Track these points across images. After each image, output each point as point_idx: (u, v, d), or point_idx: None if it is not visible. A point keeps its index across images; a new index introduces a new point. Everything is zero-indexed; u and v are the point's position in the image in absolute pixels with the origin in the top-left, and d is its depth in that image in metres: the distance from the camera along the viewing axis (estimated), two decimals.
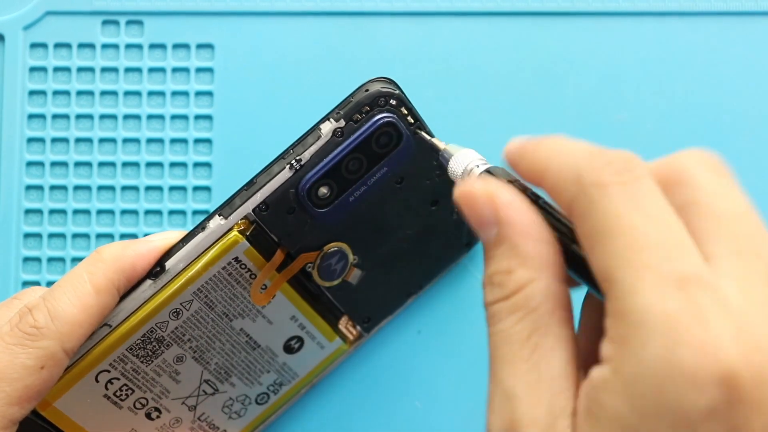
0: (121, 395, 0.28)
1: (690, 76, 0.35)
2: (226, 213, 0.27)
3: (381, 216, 0.29)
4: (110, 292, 0.26)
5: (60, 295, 0.25)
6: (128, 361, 0.27)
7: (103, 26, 0.36)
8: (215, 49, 0.35)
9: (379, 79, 0.27)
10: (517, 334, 0.19)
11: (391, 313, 0.33)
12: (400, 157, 0.27)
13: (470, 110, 0.35)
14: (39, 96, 0.35)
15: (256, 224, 0.27)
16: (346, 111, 0.26)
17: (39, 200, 0.35)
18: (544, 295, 0.19)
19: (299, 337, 0.31)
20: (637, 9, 0.35)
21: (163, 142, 0.35)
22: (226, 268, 0.27)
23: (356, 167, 0.27)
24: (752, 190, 0.34)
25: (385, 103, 0.27)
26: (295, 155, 0.27)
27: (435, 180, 0.30)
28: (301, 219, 0.28)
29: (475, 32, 0.35)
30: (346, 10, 0.35)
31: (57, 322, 0.24)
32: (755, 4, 0.35)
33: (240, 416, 0.32)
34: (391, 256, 0.31)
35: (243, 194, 0.27)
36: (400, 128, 0.27)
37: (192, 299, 0.27)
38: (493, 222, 0.20)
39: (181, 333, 0.28)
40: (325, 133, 0.26)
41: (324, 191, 0.27)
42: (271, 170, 0.27)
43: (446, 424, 0.34)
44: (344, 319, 0.32)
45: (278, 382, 0.32)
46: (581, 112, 0.35)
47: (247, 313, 0.29)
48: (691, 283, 0.16)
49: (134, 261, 0.26)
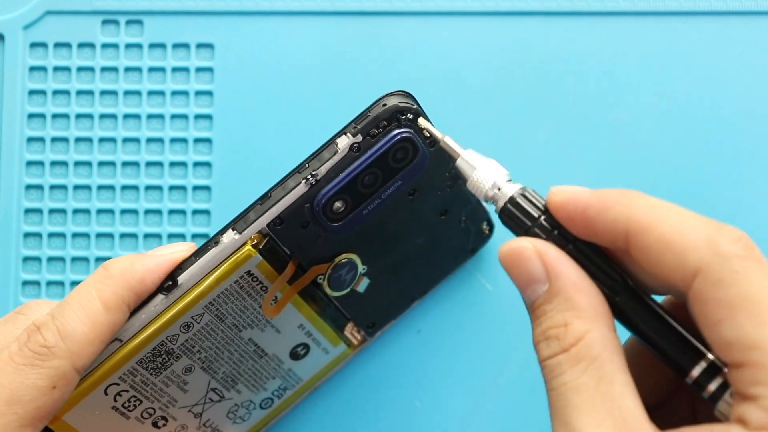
0: (129, 406, 0.28)
1: (690, 76, 0.35)
2: (240, 227, 0.27)
3: (391, 226, 0.29)
4: (120, 309, 0.25)
5: (69, 313, 0.25)
6: (138, 373, 0.27)
7: (103, 26, 0.36)
8: (215, 49, 0.35)
9: (397, 93, 0.27)
10: (585, 384, 0.19)
11: (394, 318, 0.33)
12: (414, 171, 0.27)
13: (470, 110, 0.35)
14: (39, 96, 0.35)
15: (269, 238, 0.27)
16: (364, 126, 0.26)
17: (39, 200, 0.35)
18: (602, 344, 0.20)
19: (305, 344, 0.31)
20: (637, 9, 0.35)
21: (163, 142, 0.35)
22: (238, 281, 0.27)
23: (371, 182, 0.27)
24: (752, 190, 0.34)
25: (402, 118, 0.26)
26: (311, 170, 0.26)
27: (446, 191, 0.30)
28: (314, 232, 0.27)
29: (475, 32, 0.35)
30: (346, 10, 0.35)
31: (67, 341, 0.24)
32: (755, 4, 0.35)
33: (244, 420, 0.32)
34: (398, 263, 0.31)
35: (257, 208, 0.27)
36: (417, 143, 0.27)
37: (203, 312, 0.27)
38: (544, 279, 0.20)
39: (190, 345, 0.28)
40: (341, 147, 0.26)
41: (338, 205, 0.27)
42: (286, 185, 0.27)
43: (446, 424, 0.34)
44: (350, 325, 0.32)
45: (283, 387, 0.32)
46: (581, 112, 0.35)
47: (256, 323, 0.29)
48: None
49: (143, 276, 0.26)
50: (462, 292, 0.34)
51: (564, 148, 0.35)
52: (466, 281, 0.34)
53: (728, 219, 0.33)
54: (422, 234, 0.31)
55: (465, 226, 0.32)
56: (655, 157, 0.35)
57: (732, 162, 0.35)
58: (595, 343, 0.20)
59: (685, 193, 0.34)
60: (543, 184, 0.35)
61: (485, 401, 0.34)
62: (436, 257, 0.32)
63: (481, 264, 0.34)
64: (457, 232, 0.32)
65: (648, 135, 0.35)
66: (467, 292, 0.34)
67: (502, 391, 0.34)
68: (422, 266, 0.32)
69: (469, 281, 0.34)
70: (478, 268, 0.34)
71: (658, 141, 0.35)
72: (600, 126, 0.35)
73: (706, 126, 0.35)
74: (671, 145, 0.35)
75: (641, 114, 0.35)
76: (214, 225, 0.35)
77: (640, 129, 0.35)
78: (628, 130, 0.35)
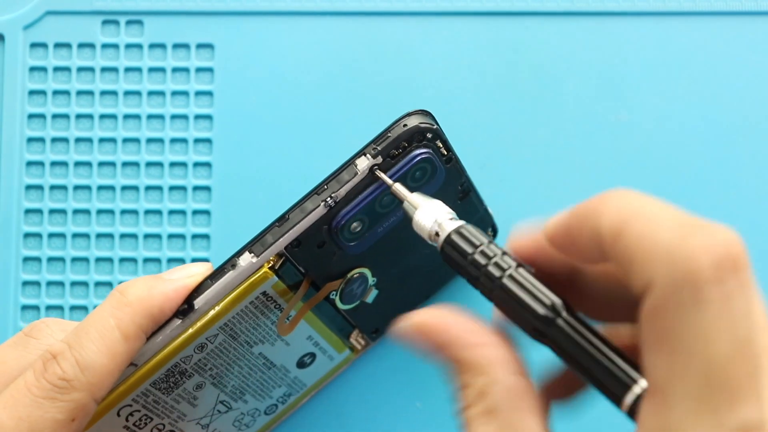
0: (140, 424, 0.28)
1: (690, 76, 0.35)
2: (257, 251, 0.26)
3: (402, 239, 0.29)
4: (139, 337, 0.25)
5: (87, 344, 0.24)
6: (150, 394, 0.27)
7: (103, 26, 0.36)
8: (215, 49, 0.35)
9: (417, 112, 0.27)
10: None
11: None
12: (430, 188, 0.27)
13: (470, 110, 0.35)
14: (39, 96, 0.35)
15: (284, 258, 0.27)
16: (384, 147, 0.26)
17: (39, 200, 0.35)
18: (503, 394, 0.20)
19: (312, 353, 0.31)
20: (637, 9, 0.35)
21: (163, 142, 0.35)
22: (254, 302, 0.27)
23: (389, 202, 0.27)
24: (752, 190, 0.34)
25: (422, 138, 0.26)
26: (330, 191, 0.26)
27: (457, 202, 0.30)
28: (329, 251, 0.27)
29: (475, 32, 0.35)
30: (346, 10, 0.35)
31: (87, 373, 0.23)
32: (755, 4, 0.35)
33: (249, 427, 0.32)
34: (405, 273, 0.31)
35: (275, 231, 0.26)
36: (436, 163, 0.27)
37: (218, 333, 0.27)
38: (436, 350, 0.21)
39: (203, 364, 0.28)
40: (361, 169, 0.26)
41: (356, 225, 0.27)
42: (304, 207, 0.26)
43: (446, 424, 0.34)
44: (355, 332, 0.32)
45: (287, 394, 0.32)
46: (581, 112, 0.35)
47: (268, 338, 0.29)
48: None
49: (162, 304, 0.25)
50: (463, 292, 0.34)
51: (564, 148, 0.35)
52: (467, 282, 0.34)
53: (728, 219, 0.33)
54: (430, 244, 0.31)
55: None
56: (655, 157, 0.35)
57: (732, 162, 0.35)
58: (496, 395, 0.20)
59: (684, 193, 0.34)
60: (543, 184, 0.35)
61: None
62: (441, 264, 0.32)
63: None
64: None
65: (648, 135, 0.35)
66: (468, 293, 0.34)
67: None
68: (427, 274, 0.32)
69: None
70: None
71: (658, 141, 0.35)
72: (600, 126, 0.35)
73: (705, 126, 0.35)
74: (671, 145, 0.35)
75: (641, 114, 0.35)
76: (214, 226, 0.35)
77: (640, 129, 0.35)
78: (628, 130, 0.35)
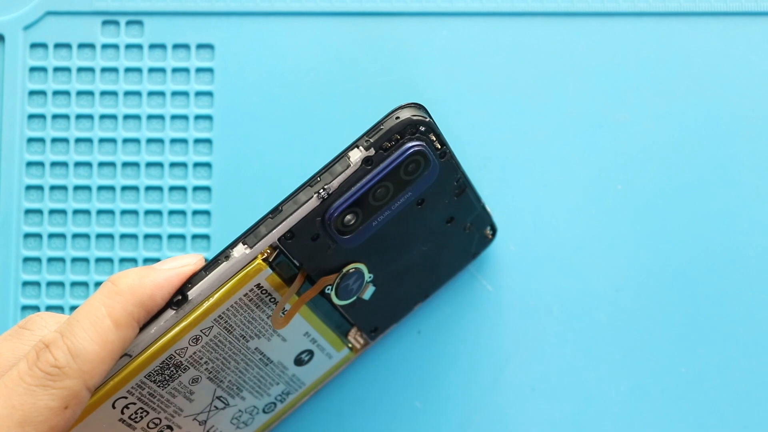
0: (136, 418, 0.28)
1: (690, 76, 0.35)
2: (250, 242, 0.27)
3: (399, 235, 0.29)
4: (130, 326, 0.25)
5: (79, 332, 0.24)
6: (145, 386, 0.27)
7: (103, 26, 0.36)
8: (215, 49, 0.35)
9: (409, 105, 0.27)
10: None
11: (396, 321, 0.33)
12: (425, 182, 0.27)
13: (470, 110, 0.35)
14: (39, 96, 0.35)
15: (278, 250, 0.27)
16: (377, 139, 0.26)
17: (39, 200, 0.35)
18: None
19: (310, 351, 0.31)
20: (637, 9, 0.35)
21: (163, 142, 0.35)
22: (248, 294, 0.27)
23: (383, 194, 0.27)
24: (752, 190, 0.34)
25: (415, 131, 0.26)
26: (322, 184, 0.26)
27: (454, 199, 0.30)
28: (323, 244, 0.27)
29: (475, 32, 0.35)
30: (346, 10, 0.35)
31: (79, 360, 0.24)
32: (755, 4, 0.35)
33: (247, 425, 0.32)
34: (403, 270, 0.31)
35: (268, 222, 0.27)
36: (429, 156, 0.27)
37: (212, 325, 0.27)
38: None
39: (198, 357, 0.28)
40: (354, 161, 0.26)
41: (349, 218, 0.27)
42: (297, 198, 0.26)
43: (446, 424, 0.34)
44: (353, 330, 0.32)
45: (286, 392, 0.32)
46: (581, 113, 0.35)
47: (263, 333, 0.29)
48: None
49: (153, 292, 0.26)
50: (463, 293, 0.34)
51: (563, 149, 0.35)
52: (468, 282, 0.34)
53: (728, 219, 0.33)
54: (428, 241, 0.31)
55: (469, 232, 0.32)
56: (654, 157, 0.35)
57: (732, 162, 0.35)
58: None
59: (684, 194, 0.34)
60: (543, 184, 0.35)
61: (485, 401, 0.34)
62: (439, 262, 0.32)
63: (482, 265, 0.34)
64: (462, 237, 0.32)
65: (648, 135, 0.35)
66: (468, 293, 0.34)
67: (502, 391, 0.34)
68: (426, 271, 0.32)
69: (470, 282, 0.34)
70: (479, 270, 0.34)
71: (658, 141, 0.35)
72: (600, 126, 0.35)
73: (705, 126, 0.35)
74: (671, 145, 0.35)
75: (641, 114, 0.35)
76: (215, 226, 0.35)
77: (640, 129, 0.35)
78: (628, 130, 0.35)
